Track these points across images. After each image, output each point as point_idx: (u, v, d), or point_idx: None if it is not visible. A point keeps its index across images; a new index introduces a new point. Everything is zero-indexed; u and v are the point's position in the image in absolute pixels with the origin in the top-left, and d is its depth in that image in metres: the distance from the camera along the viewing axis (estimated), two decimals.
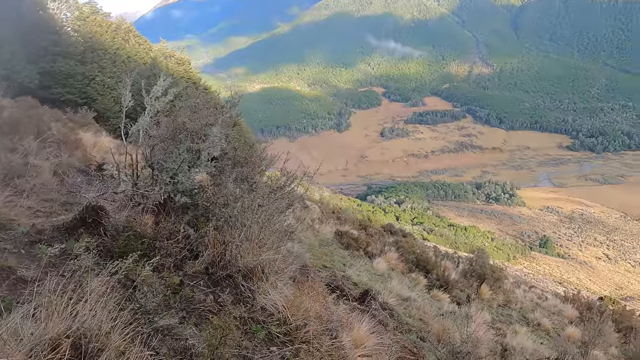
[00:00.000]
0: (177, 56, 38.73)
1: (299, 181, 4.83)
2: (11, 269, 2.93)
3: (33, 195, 5.13)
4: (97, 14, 36.20)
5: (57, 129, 9.15)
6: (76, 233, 3.72)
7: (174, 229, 4.31)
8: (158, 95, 4.68)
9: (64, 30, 32.07)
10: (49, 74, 29.28)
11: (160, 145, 4.23)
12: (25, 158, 6.95)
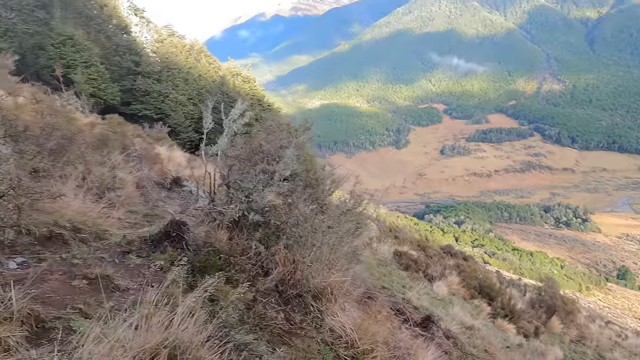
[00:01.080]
0: (243, 74, 40.61)
1: (366, 203, 4.88)
2: (109, 277, 3.23)
3: (121, 207, 5.60)
4: (173, 37, 39.04)
5: (139, 144, 9.94)
6: (162, 246, 4.01)
7: (246, 245, 4.51)
8: (235, 118, 4.96)
9: (144, 51, 34.94)
10: (129, 91, 31.91)
11: (237, 166, 4.48)
12: (112, 171, 7.60)
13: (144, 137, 13.34)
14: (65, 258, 3.52)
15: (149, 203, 6.90)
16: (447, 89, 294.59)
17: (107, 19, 34.17)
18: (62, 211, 3.91)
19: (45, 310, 2.59)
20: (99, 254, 3.80)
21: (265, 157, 4.34)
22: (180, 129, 30.93)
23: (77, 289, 3.01)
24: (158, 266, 3.75)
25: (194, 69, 37.50)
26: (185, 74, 35.07)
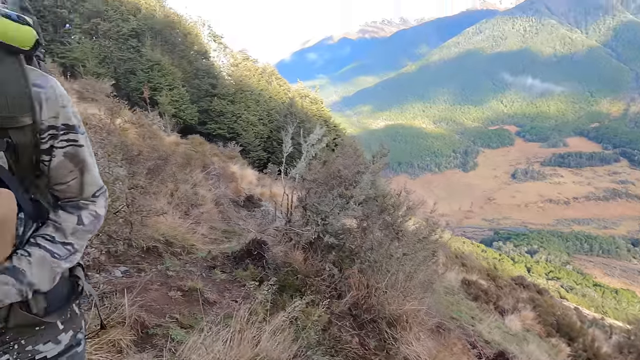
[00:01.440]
0: (311, 96, 41.79)
1: (441, 231, 4.82)
2: (200, 290, 3.49)
3: (204, 223, 6.00)
4: (247, 61, 41.35)
5: (217, 163, 10.60)
6: (244, 263, 4.25)
7: (320, 267, 4.63)
8: (314, 143, 5.18)
9: (221, 75, 37.33)
10: (206, 112, 34.10)
11: (315, 189, 4.65)
12: (194, 188, 8.16)
13: (220, 156, 14.17)
14: (160, 270, 3.86)
15: (227, 220, 7.31)
16: (520, 110, 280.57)
17: (189, 46, 37.07)
18: (157, 226, 4.30)
19: (148, 318, 2.87)
20: (188, 267, 4.11)
21: (342, 181, 4.47)
22: (250, 148, 32.35)
23: (173, 299, 3.29)
24: (241, 282, 3.97)
25: (265, 90, 39.27)
26: (257, 95, 36.81)
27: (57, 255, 1.05)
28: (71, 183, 1.10)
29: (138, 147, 3.92)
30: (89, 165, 1.12)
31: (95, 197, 1.16)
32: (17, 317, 1.02)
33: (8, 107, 0.92)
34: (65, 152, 1.06)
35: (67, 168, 1.08)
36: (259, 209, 7.99)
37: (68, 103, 1.04)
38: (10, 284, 0.96)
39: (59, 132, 1.03)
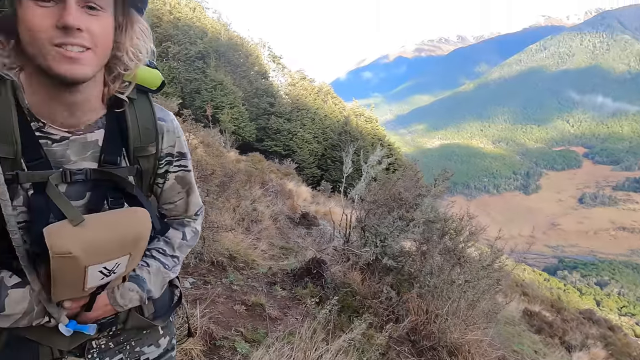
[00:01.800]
0: (366, 114, 41.92)
1: (505, 258, 4.63)
2: (262, 306, 3.60)
3: (263, 239, 6.18)
4: (304, 80, 42.41)
5: (275, 180, 10.91)
6: (303, 281, 4.33)
7: (378, 289, 4.60)
8: (374, 164, 5.21)
9: (279, 94, 38.60)
10: (263, 129, 35.27)
11: (375, 210, 4.67)
12: (253, 204, 8.44)
13: (277, 173, 14.56)
14: (225, 283, 4.03)
15: (284, 237, 7.48)
16: (588, 131, 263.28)
17: (250, 67, 38.78)
18: (223, 241, 4.50)
19: (216, 330, 3.00)
20: (251, 282, 4.26)
21: (403, 204, 4.45)
22: (305, 165, 32.91)
23: (237, 313, 3.42)
24: (301, 300, 4.04)
25: (321, 109, 39.96)
26: (312, 114, 37.54)
27: (167, 266, 1.18)
28: (178, 203, 1.23)
29: (211, 166, 4.17)
30: (194, 187, 1.26)
31: (196, 216, 1.29)
32: (134, 320, 1.16)
33: (140, 138, 1.06)
34: (176, 176, 1.19)
35: (176, 190, 1.21)
36: (315, 227, 8.09)
37: (181, 134, 1.18)
38: (134, 290, 1.09)
39: (173, 159, 1.16)
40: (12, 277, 0.95)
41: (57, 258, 0.84)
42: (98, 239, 0.89)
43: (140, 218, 0.97)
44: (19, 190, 0.90)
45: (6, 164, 0.86)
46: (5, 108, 0.86)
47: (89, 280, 0.92)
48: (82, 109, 0.95)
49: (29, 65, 0.86)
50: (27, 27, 0.79)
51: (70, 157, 0.96)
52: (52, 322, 0.98)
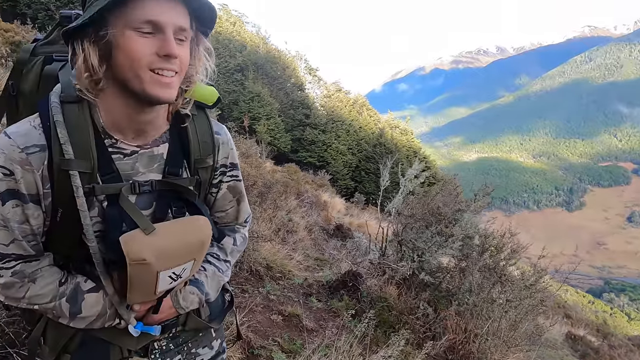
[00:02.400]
0: (401, 126, 41.62)
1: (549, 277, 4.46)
2: (298, 316, 3.63)
3: (299, 250, 6.23)
4: (340, 92, 42.68)
5: (310, 191, 10.99)
6: (339, 293, 4.32)
7: (414, 304, 4.53)
8: (412, 178, 5.17)
9: (314, 105, 39.00)
10: (298, 140, 35.64)
11: (412, 225, 4.62)
12: (289, 215, 8.51)
13: (311, 184, 14.66)
14: (262, 292, 4.08)
15: (319, 248, 7.50)
16: (638, 145, 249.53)
17: (287, 79, 39.45)
18: (261, 250, 4.57)
19: (254, 338, 3.05)
20: (287, 292, 4.30)
21: (442, 219, 4.38)
22: (339, 177, 32.93)
23: (274, 323, 3.46)
24: (336, 312, 4.04)
25: (355, 121, 40.01)
26: (347, 125, 37.64)
27: (221, 270, 1.25)
28: (229, 211, 1.30)
29: (253, 177, 4.27)
30: (244, 196, 1.33)
31: (245, 223, 1.36)
32: (192, 321, 1.23)
33: (200, 151, 1.13)
34: (228, 185, 1.25)
35: (228, 199, 1.27)
36: (350, 239, 8.07)
37: (233, 145, 1.26)
38: (195, 293, 1.16)
39: (227, 170, 1.23)
40: (87, 282, 1.03)
41: (133, 264, 0.91)
42: (168, 246, 0.96)
43: (203, 225, 1.04)
44: (94, 202, 0.98)
45: (84, 178, 0.94)
46: (84, 127, 0.94)
47: (160, 285, 0.99)
48: (152, 125, 1.03)
49: (113, 88, 0.93)
50: (128, 54, 0.87)
51: (139, 169, 1.04)
52: (122, 323, 1.06)
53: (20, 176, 0.90)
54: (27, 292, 0.98)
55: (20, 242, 0.95)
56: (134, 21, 0.85)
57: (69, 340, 1.08)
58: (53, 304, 0.99)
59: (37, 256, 1.00)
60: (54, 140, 0.91)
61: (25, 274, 0.97)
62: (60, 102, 0.94)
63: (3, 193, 0.91)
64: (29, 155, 0.90)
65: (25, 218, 0.94)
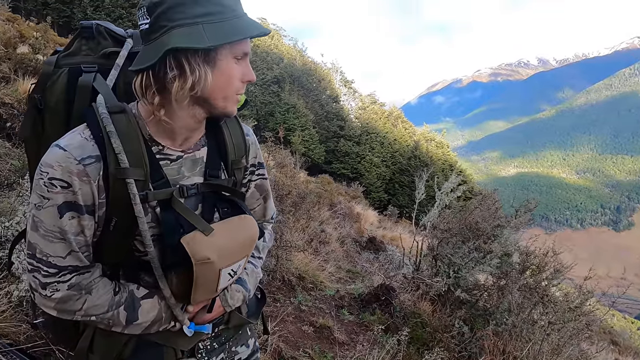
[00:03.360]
0: (437, 139, 40.98)
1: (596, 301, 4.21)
2: (330, 329, 3.59)
3: (331, 261, 6.19)
4: (375, 104, 42.64)
5: (343, 203, 10.95)
6: (371, 307, 4.25)
7: (449, 322, 4.38)
8: (448, 191, 5.05)
9: (349, 117, 39.13)
10: (332, 152, 35.75)
11: (448, 239, 4.49)
12: (321, 226, 8.51)
13: (345, 195, 14.61)
14: (294, 303, 4.07)
15: (351, 260, 7.43)
16: None
17: (322, 91, 39.83)
18: (293, 260, 4.58)
19: (285, 348, 3.03)
20: (318, 304, 4.27)
21: (480, 234, 4.24)
22: (372, 189, 32.70)
23: (305, 334, 3.43)
24: (368, 326, 3.96)
25: (390, 133, 39.77)
26: (382, 138, 37.46)
27: (256, 266, 1.30)
28: (257, 209, 1.34)
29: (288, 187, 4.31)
30: (270, 194, 1.37)
31: (272, 219, 1.41)
32: (234, 318, 1.27)
33: (235, 152, 1.17)
34: (256, 184, 1.30)
35: (256, 197, 1.32)
36: (382, 252, 7.96)
37: (258, 144, 1.31)
38: (240, 291, 1.21)
39: (255, 169, 1.28)
40: (140, 289, 1.06)
41: (199, 264, 0.95)
42: (226, 245, 1.00)
43: (251, 223, 1.09)
44: (147, 208, 1.00)
45: (138, 185, 0.96)
46: (134, 136, 0.98)
47: (221, 282, 1.03)
48: (197, 131, 1.08)
49: (186, 101, 0.98)
50: (228, 77, 0.98)
51: (184, 174, 1.07)
52: (176, 325, 1.09)
53: (78, 188, 0.92)
54: (84, 304, 0.98)
55: (76, 254, 0.97)
56: (237, 51, 0.97)
57: (122, 347, 1.09)
58: (110, 313, 1.00)
59: (90, 267, 1.02)
60: (108, 151, 0.93)
61: (81, 285, 0.98)
62: (109, 113, 0.96)
63: (61, 205, 0.93)
64: (86, 167, 0.92)
65: (81, 229, 0.96)
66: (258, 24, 0.98)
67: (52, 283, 0.96)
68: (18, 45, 7.45)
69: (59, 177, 0.91)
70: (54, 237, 0.94)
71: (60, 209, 0.93)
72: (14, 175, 3.49)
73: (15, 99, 5.10)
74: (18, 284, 2.06)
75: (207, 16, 0.91)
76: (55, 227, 0.93)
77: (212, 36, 0.90)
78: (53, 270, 0.96)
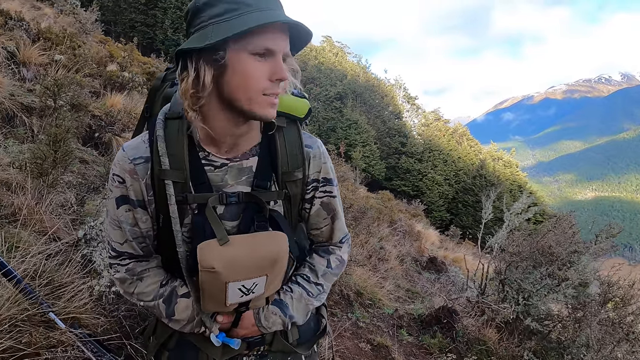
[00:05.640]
0: (505, 158, 39.05)
1: None
2: (388, 348, 3.48)
3: (389, 279, 6.05)
4: (439, 121, 41.66)
5: (403, 220, 10.71)
6: (431, 329, 4.08)
7: (517, 353, 4.08)
8: (518, 212, 4.76)
9: (411, 134, 38.53)
10: (393, 168, 35.29)
11: (518, 263, 4.22)
12: (380, 242, 8.36)
13: (405, 213, 14.30)
14: (351, 318, 4.01)
15: (410, 279, 7.21)
16: None
17: (385, 107, 39.68)
18: (352, 275, 4.53)
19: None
20: (376, 321, 4.17)
21: (554, 260, 3.93)
22: (434, 208, 31.74)
23: (363, 351, 3.36)
24: (428, 349, 3.80)
25: (454, 151, 38.54)
26: (445, 155, 36.40)
27: (310, 293, 1.20)
28: (324, 229, 1.24)
29: (349, 200, 4.30)
30: (339, 214, 1.26)
31: (341, 243, 1.28)
32: (278, 343, 1.22)
33: (288, 164, 1.12)
34: (322, 201, 1.20)
35: (322, 216, 1.22)
36: (444, 274, 7.64)
37: (327, 160, 1.22)
38: (277, 314, 1.15)
39: (319, 185, 1.19)
40: (183, 286, 1.10)
41: (204, 272, 0.95)
42: (238, 258, 0.97)
43: (278, 241, 1.03)
44: (187, 210, 1.03)
45: (177, 187, 1.01)
46: (179, 141, 1.02)
47: (230, 296, 1.01)
48: (244, 139, 1.06)
49: (215, 104, 0.98)
50: (245, 76, 0.91)
51: (228, 181, 1.07)
52: (207, 332, 1.10)
53: (129, 184, 1.02)
54: (135, 288, 1.09)
55: (131, 243, 1.07)
56: (253, 47, 0.90)
57: (168, 338, 1.17)
58: (154, 302, 1.08)
59: (146, 257, 1.11)
60: (154, 153, 1.01)
61: (135, 272, 1.09)
62: (165, 119, 1.03)
63: (118, 198, 1.04)
64: (136, 166, 1.02)
65: (135, 221, 1.06)
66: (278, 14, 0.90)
67: (115, 264, 1.10)
68: (108, 64, 8.22)
69: (117, 173, 1.03)
70: (114, 225, 1.07)
71: (117, 201, 1.04)
72: (99, 180, 3.80)
73: (104, 111, 5.60)
74: (99, 279, 2.22)
75: (219, 16, 0.91)
76: (115, 216, 1.06)
77: (215, 34, 0.88)
78: (114, 253, 1.09)
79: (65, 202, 3.14)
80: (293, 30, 0.96)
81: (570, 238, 4.17)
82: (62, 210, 3.02)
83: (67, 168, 3.53)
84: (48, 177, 3.11)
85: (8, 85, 4.55)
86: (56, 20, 9.91)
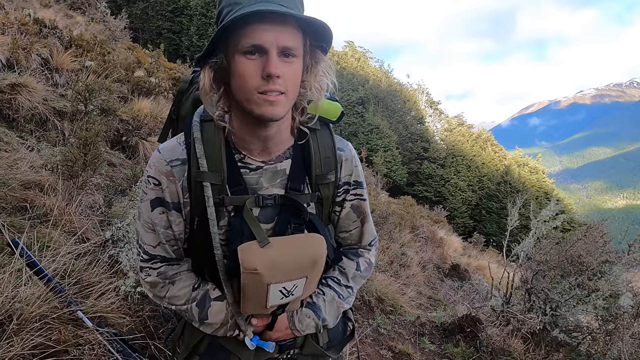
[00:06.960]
0: (530, 165, 38.14)
1: None
2: (409, 356, 3.43)
3: (410, 286, 5.97)
4: (462, 126, 41.02)
5: (425, 227, 10.56)
6: (454, 338, 4.00)
7: None
8: (546, 219, 4.63)
9: (434, 139, 38.06)
10: (415, 174, 34.91)
11: (545, 273, 4.10)
12: (402, 248, 8.26)
13: (427, 219, 14.10)
14: (372, 325, 3.97)
15: (432, 286, 7.10)
16: None
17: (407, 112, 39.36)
18: (373, 280, 4.48)
19: None
20: (397, 328, 4.11)
21: (584, 269, 3.81)
22: (456, 214, 31.22)
23: (384, 358, 3.31)
24: (450, 358, 3.72)
25: (478, 156, 37.87)
26: (468, 161, 35.80)
27: (341, 296, 1.20)
28: (353, 232, 1.24)
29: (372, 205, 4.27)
30: (369, 217, 1.25)
31: (370, 246, 1.28)
32: (309, 346, 1.21)
33: (322, 167, 1.12)
34: (352, 204, 1.20)
35: (352, 218, 1.22)
36: (467, 281, 7.49)
37: (358, 163, 1.21)
38: (311, 317, 1.14)
39: (350, 187, 1.19)
40: (216, 290, 1.10)
41: (246, 274, 0.94)
42: (280, 260, 0.96)
43: (317, 243, 1.02)
44: (224, 212, 1.04)
45: (215, 189, 1.01)
46: (216, 143, 1.02)
47: (271, 298, 0.99)
48: (273, 141, 1.05)
49: (234, 108, 1.00)
50: (240, 76, 0.91)
51: (263, 184, 1.07)
52: (240, 335, 1.09)
53: (165, 186, 1.02)
54: (167, 292, 1.08)
55: (164, 246, 1.06)
56: (242, 46, 0.89)
57: (198, 342, 1.16)
58: (186, 306, 1.07)
59: (178, 260, 1.10)
60: (192, 155, 1.01)
61: (167, 275, 1.08)
62: (201, 121, 1.04)
63: (153, 200, 1.03)
64: (172, 168, 1.01)
65: (169, 224, 1.05)
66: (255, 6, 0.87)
67: (146, 268, 1.09)
68: (135, 70, 8.44)
69: (153, 175, 1.02)
70: (148, 227, 1.06)
71: (152, 203, 1.03)
72: (126, 182, 3.89)
73: (131, 116, 5.74)
74: (125, 280, 2.26)
75: (219, 19, 0.94)
76: (149, 218, 1.05)
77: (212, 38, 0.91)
78: (146, 256, 1.08)
79: (94, 204, 3.22)
80: (305, 25, 0.93)
81: (602, 247, 4.03)
82: (91, 212, 3.10)
83: (96, 170, 3.63)
84: (78, 179, 3.21)
85: (42, 90, 4.72)
86: (87, 27, 10.26)
